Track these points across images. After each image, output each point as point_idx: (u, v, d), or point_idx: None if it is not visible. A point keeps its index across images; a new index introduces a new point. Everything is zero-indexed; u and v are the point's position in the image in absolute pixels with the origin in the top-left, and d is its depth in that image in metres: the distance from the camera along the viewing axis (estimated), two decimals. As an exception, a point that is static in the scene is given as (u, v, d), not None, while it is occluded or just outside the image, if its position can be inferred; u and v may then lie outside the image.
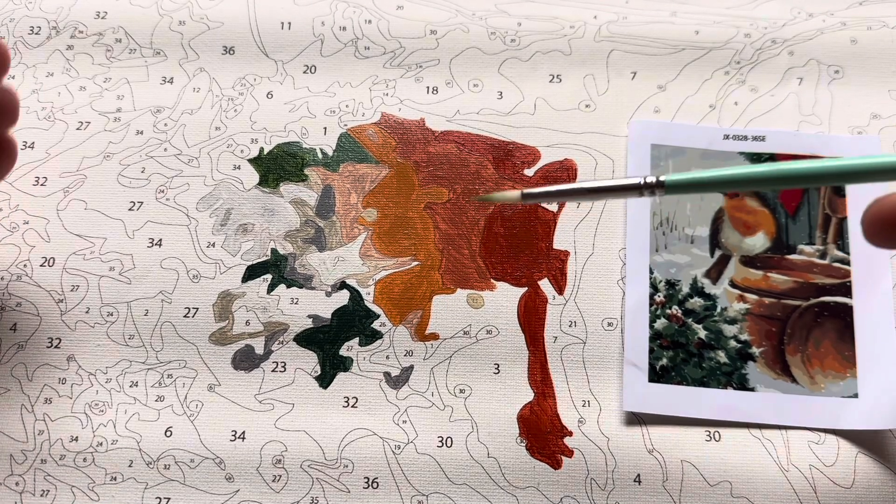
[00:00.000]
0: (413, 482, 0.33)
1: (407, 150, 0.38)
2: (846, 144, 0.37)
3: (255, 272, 0.36)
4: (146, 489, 0.33)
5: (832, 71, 0.39)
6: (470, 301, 0.35)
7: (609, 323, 0.35)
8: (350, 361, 0.35)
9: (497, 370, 0.34)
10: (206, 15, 0.40)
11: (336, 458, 0.33)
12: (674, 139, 0.37)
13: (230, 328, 0.35)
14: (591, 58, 0.39)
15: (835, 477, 0.33)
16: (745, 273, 0.35)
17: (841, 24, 0.39)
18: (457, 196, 0.37)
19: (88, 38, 0.39)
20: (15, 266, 0.36)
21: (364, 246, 0.36)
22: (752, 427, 0.33)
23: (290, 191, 0.37)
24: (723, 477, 0.33)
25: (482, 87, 0.39)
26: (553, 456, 0.33)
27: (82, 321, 0.35)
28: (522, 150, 0.38)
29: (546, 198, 0.29)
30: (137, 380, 0.34)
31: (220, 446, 0.33)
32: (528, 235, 0.36)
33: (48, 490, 0.33)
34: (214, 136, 0.38)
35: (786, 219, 0.36)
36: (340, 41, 0.39)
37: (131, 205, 0.37)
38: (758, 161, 0.37)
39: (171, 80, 0.39)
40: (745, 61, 0.39)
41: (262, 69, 0.39)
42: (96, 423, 0.33)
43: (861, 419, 0.33)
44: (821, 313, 0.35)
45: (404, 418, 0.34)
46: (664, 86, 0.39)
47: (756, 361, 0.34)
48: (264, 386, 0.34)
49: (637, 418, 0.34)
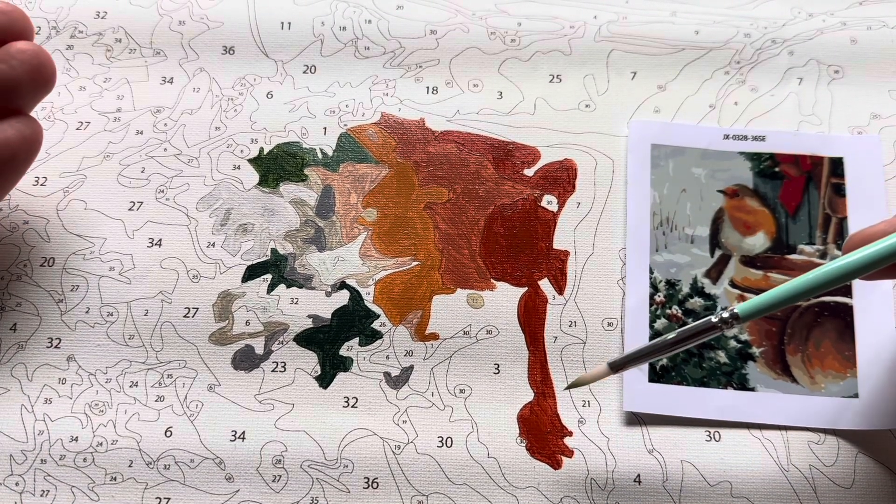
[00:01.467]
0: (413, 482, 0.33)
1: (407, 150, 0.38)
2: (846, 144, 0.37)
3: (255, 272, 0.36)
4: (146, 489, 0.33)
5: (832, 71, 0.39)
6: (470, 301, 0.35)
7: (609, 323, 0.35)
8: (350, 361, 0.35)
9: (497, 370, 0.34)
10: (206, 15, 0.40)
11: (336, 458, 0.33)
12: (674, 139, 0.37)
13: (230, 328, 0.35)
14: (591, 58, 0.39)
15: (835, 477, 0.33)
16: (745, 273, 0.35)
17: (841, 24, 0.39)
18: (457, 196, 0.37)
19: (88, 38, 0.39)
20: (15, 266, 0.36)
21: (364, 246, 0.36)
22: (752, 427, 0.33)
23: (289, 191, 0.37)
24: (723, 477, 0.33)
25: (482, 87, 0.39)
26: (553, 456, 0.33)
27: (82, 321, 0.35)
28: (522, 150, 0.38)
29: (633, 364, 0.30)
30: (137, 380, 0.34)
31: (220, 446, 0.33)
32: (528, 235, 0.36)
33: (48, 490, 0.33)
34: (214, 136, 0.38)
35: (786, 219, 0.36)
36: (340, 41, 0.39)
37: (131, 205, 0.37)
38: (758, 161, 0.37)
39: (171, 80, 0.39)
40: (745, 61, 0.39)
41: (262, 69, 0.39)
42: (96, 423, 0.33)
43: (861, 419, 0.33)
44: (821, 313, 0.35)
45: (404, 418, 0.34)
46: (664, 86, 0.39)
47: (756, 361, 0.34)
48: (264, 386, 0.34)
49: (637, 418, 0.34)
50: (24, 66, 0.31)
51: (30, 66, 0.32)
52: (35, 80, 0.32)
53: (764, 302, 0.27)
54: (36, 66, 0.32)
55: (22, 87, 0.32)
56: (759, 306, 0.28)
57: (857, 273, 0.27)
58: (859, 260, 0.27)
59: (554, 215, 0.37)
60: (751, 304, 0.28)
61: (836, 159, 0.37)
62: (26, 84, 0.32)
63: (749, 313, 0.28)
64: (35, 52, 0.32)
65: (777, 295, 0.27)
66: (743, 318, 0.28)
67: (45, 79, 0.32)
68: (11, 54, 0.31)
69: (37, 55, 0.32)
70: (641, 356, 0.29)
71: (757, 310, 0.28)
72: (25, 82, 0.32)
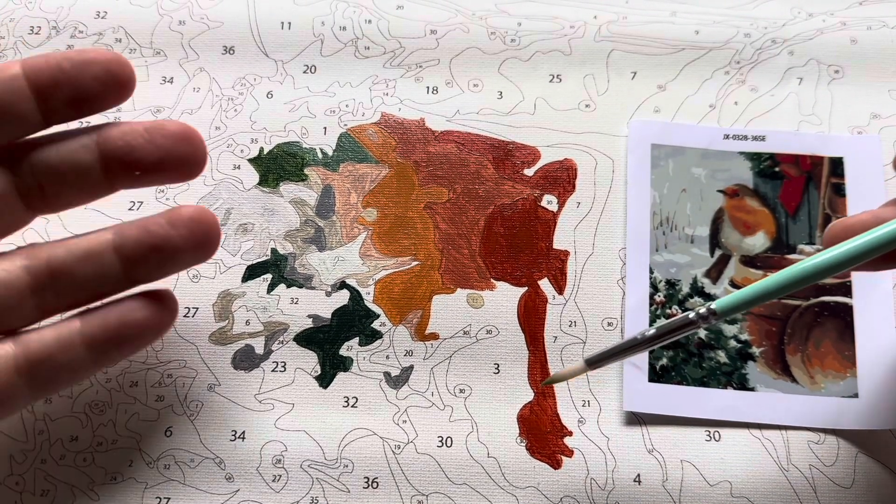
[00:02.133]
0: (413, 482, 0.33)
1: (407, 150, 0.38)
2: (846, 144, 0.37)
3: (255, 272, 0.36)
4: (146, 489, 0.33)
5: (832, 71, 0.39)
6: (470, 301, 0.35)
7: (609, 323, 0.35)
8: (350, 361, 0.35)
9: (497, 370, 0.34)
10: (206, 15, 0.40)
11: (336, 457, 0.33)
12: (674, 139, 0.37)
13: (230, 328, 0.35)
14: (591, 58, 0.39)
15: (835, 477, 0.33)
16: (745, 273, 0.35)
17: (841, 24, 0.39)
18: (457, 196, 0.37)
19: (88, 38, 0.39)
20: (15, 266, 0.36)
21: (364, 246, 0.36)
22: (752, 427, 0.33)
23: (289, 190, 0.37)
24: (723, 477, 0.33)
25: (482, 87, 0.39)
26: (553, 456, 0.33)
27: (82, 321, 0.35)
28: (522, 149, 0.38)
29: (610, 360, 0.29)
30: (137, 380, 0.34)
31: (220, 446, 0.33)
32: (528, 235, 0.36)
33: (48, 490, 0.33)
34: (214, 135, 0.38)
35: (786, 218, 0.36)
36: (340, 41, 0.39)
37: (131, 205, 0.37)
38: (758, 161, 0.37)
39: (171, 80, 0.39)
40: (745, 61, 0.39)
41: (262, 69, 0.39)
42: (96, 423, 0.33)
43: (861, 419, 0.33)
44: (821, 313, 0.35)
45: (404, 418, 0.34)
46: (664, 86, 0.39)
47: (756, 361, 0.34)
48: (264, 386, 0.34)
49: (637, 418, 0.34)
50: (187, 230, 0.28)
51: (193, 231, 0.29)
52: (197, 246, 0.29)
53: (741, 298, 0.27)
54: (200, 231, 0.29)
55: (183, 255, 0.29)
56: (736, 302, 0.27)
57: (837, 268, 0.26)
58: (841, 255, 0.26)
59: (554, 215, 0.37)
60: (728, 300, 0.27)
61: (836, 159, 0.37)
62: (187, 251, 0.29)
63: (726, 309, 0.27)
64: (199, 214, 0.29)
65: (754, 291, 0.26)
66: (720, 313, 0.27)
67: (211, 244, 0.29)
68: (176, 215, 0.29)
69: (200, 214, 0.29)
70: (618, 353, 0.28)
71: (734, 305, 0.27)
72: (187, 249, 0.29)
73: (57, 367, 0.28)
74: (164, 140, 0.28)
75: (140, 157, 0.28)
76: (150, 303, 0.29)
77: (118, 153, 0.28)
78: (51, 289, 0.29)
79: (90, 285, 0.29)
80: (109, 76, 0.28)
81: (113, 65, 0.28)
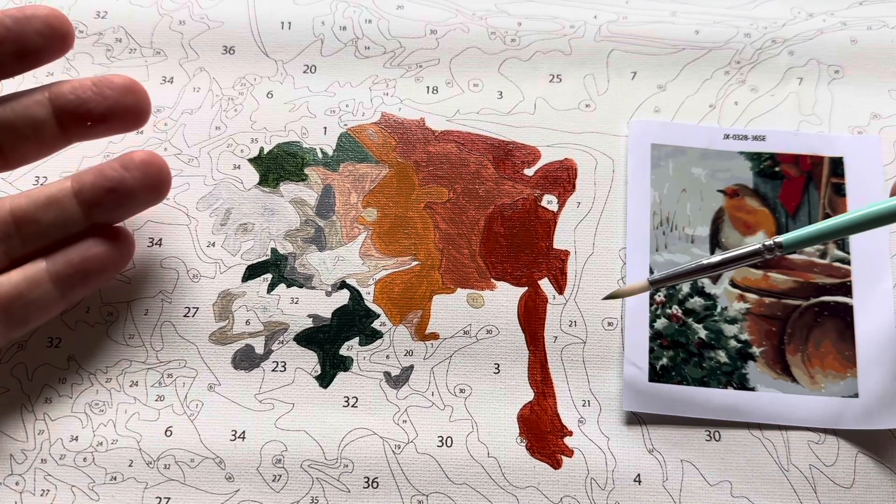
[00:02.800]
0: (413, 482, 0.33)
1: (407, 150, 0.38)
2: (846, 144, 0.37)
3: (255, 272, 0.36)
4: (146, 489, 0.33)
5: (832, 71, 0.39)
6: (470, 301, 0.35)
7: (609, 323, 0.35)
8: (350, 361, 0.35)
9: (497, 370, 0.34)
10: (206, 14, 0.40)
11: (336, 457, 0.33)
12: (674, 139, 0.37)
13: (230, 328, 0.35)
14: (591, 58, 0.39)
15: (835, 477, 0.33)
16: (745, 272, 0.35)
17: (841, 24, 0.39)
18: (457, 196, 0.37)
19: (88, 38, 0.39)
20: (15, 266, 0.36)
21: (364, 245, 0.36)
22: (752, 427, 0.33)
23: (290, 190, 0.37)
24: (723, 477, 0.33)
25: (482, 87, 0.39)
26: (553, 456, 0.33)
27: (82, 321, 0.35)
28: (522, 149, 0.38)
29: (671, 281, 0.32)
30: (137, 379, 0.34)
31: (220, 446, 0.33)
32: (528, 235, 0.36)
33: (48, 490, 0.33)
34: (214, 135, 0.38)
35: (786, 218, 0.36)
36: (340, 41, 0.39)
37: (131, 204, 0.37)
38: (758, 161, 0.37)
39: (171, 80, 0.39)
40: (745, 61, 0.39)
41: (262, 69, 0.39)
42: (96, 423, 0.33)
43: (861, 419, 0.33)
44: (821, 313, 0.35)
45: (404, 418, 0.34)
46: (664, 86, 0.39)
47: (756, 361, 0.34)
48: (264, 386, 0.34)
49: (637, 418, 0.34)
50: (140, 173, 0.32)
51: (145, 174, 0.32)
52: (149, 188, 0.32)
53: (807, 234, 0.29)
54: (153, 177, 0.32)
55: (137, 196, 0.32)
56: (802, 237, 0.29)
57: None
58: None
59: (554, 215, 0.37)
60: (794, 235, 0.30)
61: (836, 159, 0.37)
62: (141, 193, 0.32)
63: (792, 242, 0.30)
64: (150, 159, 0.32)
65: (821, 228, 0.29)
66: (786, 247, 0.30)
67: (163, 185, 0.32)
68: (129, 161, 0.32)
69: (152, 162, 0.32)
70: (683, 274, 0.31)
71: (800, 240, 0.29)
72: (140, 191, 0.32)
73: (28, 303, 0.31)
74: (112, 92, 0.31)
75: (90, 109, 0.31)
76: (108, 239, 0.32)
77: (70, 106, 0.31)
78: (16, 236, 0.31)
79: (54, 231, 0.31)
80: (50, 30, 0.30)
81: (52, 19, 0.30)
